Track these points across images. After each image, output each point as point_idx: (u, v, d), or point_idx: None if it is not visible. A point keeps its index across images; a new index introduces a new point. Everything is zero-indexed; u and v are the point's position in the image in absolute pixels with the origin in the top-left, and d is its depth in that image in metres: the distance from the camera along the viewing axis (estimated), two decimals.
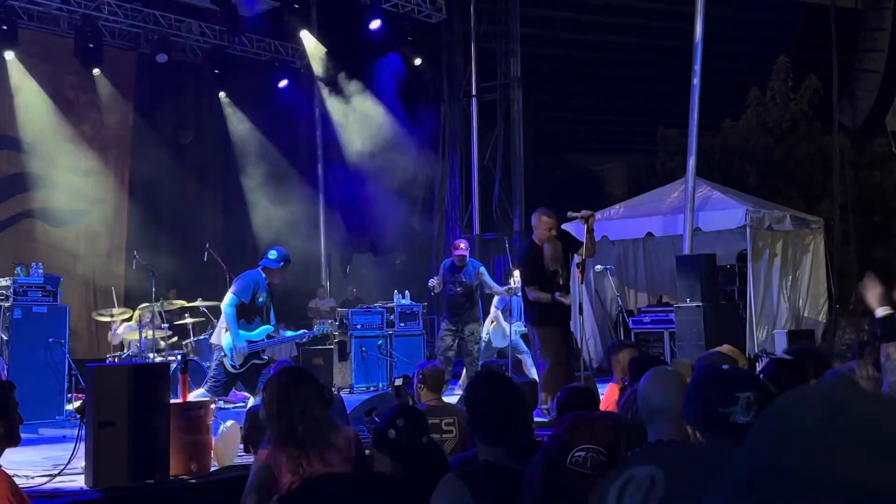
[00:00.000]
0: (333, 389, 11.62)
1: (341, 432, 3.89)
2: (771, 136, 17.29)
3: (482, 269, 10.19)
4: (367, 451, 3.92)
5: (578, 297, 10.76)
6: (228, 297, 7.89)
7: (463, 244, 10.23)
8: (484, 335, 10.99)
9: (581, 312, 10.96)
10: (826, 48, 12.83)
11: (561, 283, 8.15)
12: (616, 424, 3.01)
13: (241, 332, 7.83)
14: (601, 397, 6.05)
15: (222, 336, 7.90)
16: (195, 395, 7.71)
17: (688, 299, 10.77)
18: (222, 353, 7.81)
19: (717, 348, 5.31)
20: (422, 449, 3.54)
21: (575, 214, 8.03)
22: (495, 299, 11.11)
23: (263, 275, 8.11)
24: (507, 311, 10.79)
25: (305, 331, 8.72)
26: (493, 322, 11.02)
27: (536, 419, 7.75)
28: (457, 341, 9.96)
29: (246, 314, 7.95)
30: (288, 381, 3.89)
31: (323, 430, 3.78)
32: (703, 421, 2.46)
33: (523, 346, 10.48)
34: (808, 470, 0.75)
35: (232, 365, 7.75)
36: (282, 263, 8.20)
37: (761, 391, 2.42)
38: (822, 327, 12.92)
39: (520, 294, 9.86)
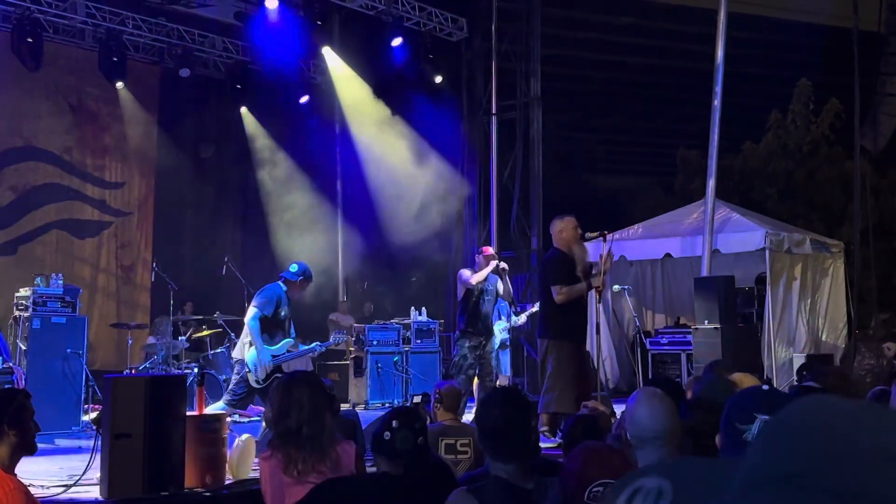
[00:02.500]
0: (349, 405, 11.64)
1: (341, 446, 3.86)
2: (791, 159, 17.24)
3: (496, 277, 9.89)
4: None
5: (595, 316, 10.73)
6: (251, 311, 7.87)
7: (491, 249, 9.83)
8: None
9: (598, 332, 10.90)
10: (848, 72, 12.75)
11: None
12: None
13: (265, 346, 7.82)
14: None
15: (245, 351, 7.88)
16: (213, 409, 7.72)
17: (706, 321, 10.71)
18: (246, 369, 7.80)
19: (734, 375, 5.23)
20: (418, 450, 3.54)
21: (592, 235, 8.00)
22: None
23: (284, 287, 8.11)
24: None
25: (318, 343, 8.67)
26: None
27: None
28: (478, 358, 9.35)
29: (269, 328, 7.95)
30: (301, 383, 3.88)
31: (325, 440, 3.76)
32: (723, 431, 2.46)
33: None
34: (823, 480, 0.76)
35: (256, 380, 7.75)
36: (301, 278, 8.17)
37: None
38: (840, 352, 12.81)
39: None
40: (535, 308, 10.05)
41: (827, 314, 12.99)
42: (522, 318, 10.52)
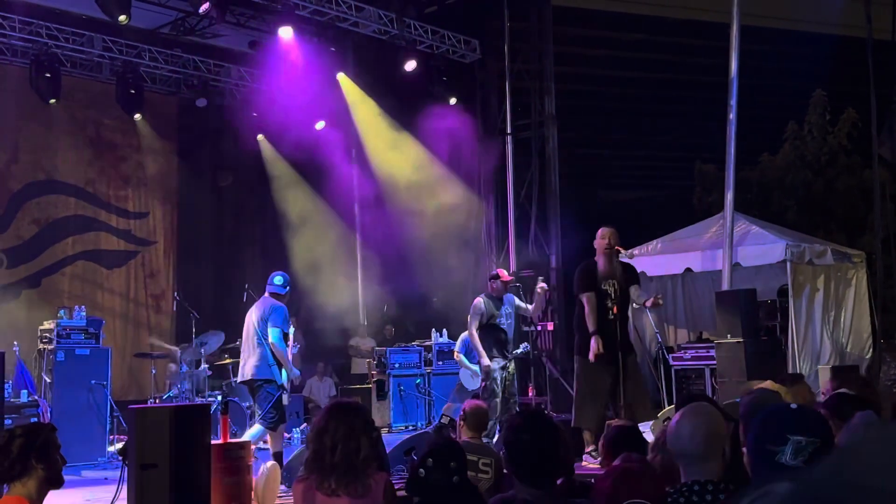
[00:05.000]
0: None
1: (376, 475, 3.84)
2: (809, 169, 17.15)
3: (513, 296, 9.86)
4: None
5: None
6: (274, 331, 7.98)
7: (505, 272, 9.83)
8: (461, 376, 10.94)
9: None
10: (863, 81, 12.72)
11: (610, 304, 8.04)
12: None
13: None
14: None
15: (275, 372, 8.00)
16: (253, 434, 7.81)
17: (728, 335, 10.65)
18: (281, 390, 7.95)
19: (761, 384, 5.22)
20: (453, 488, 3.51)
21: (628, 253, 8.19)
22: (458, 343, 10.85)
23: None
24: (470, 354, 10.43)
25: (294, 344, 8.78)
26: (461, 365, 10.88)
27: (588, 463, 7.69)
28: (504, 380, 9.32)
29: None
30: (341, 407, 3.94)
31: (359, 464, 3.75)
32: (752, 452, 2.44)
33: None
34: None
35: (288, 396, 8.05)
36: (288, 288, 8.36)
37: (818, 437, 2.36)
38: (866, 363, 12.69)
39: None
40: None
41: (851, 325, 12.88)
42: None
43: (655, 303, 8.48)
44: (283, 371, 8.02)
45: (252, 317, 8.32)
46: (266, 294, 8.41)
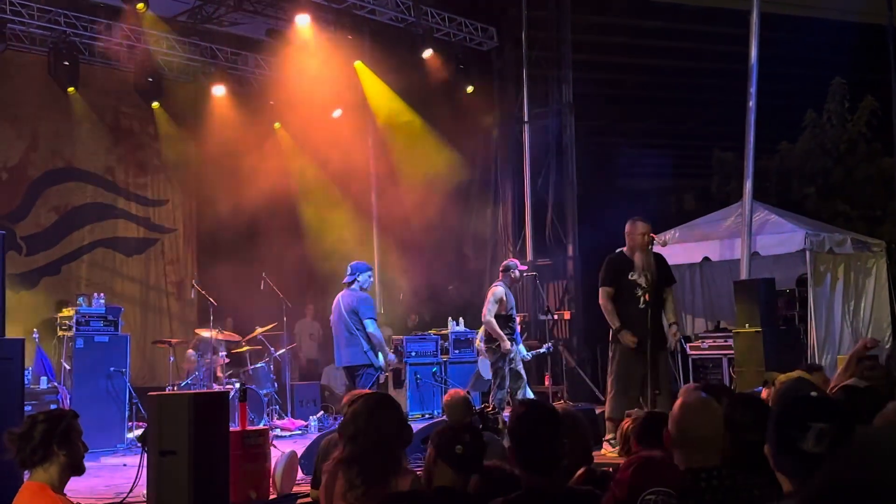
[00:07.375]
0: None
1: (404, 477, 3.62)
2: (829, 157, 17.03)
3: None
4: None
5: None
6: (369, 322, 8.65)
7: (517, 261, 10.01)
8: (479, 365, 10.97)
9: None
10: (883, 68, 12.63)
11: (640, 293, 8.01)
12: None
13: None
14: None
15: (371, 356, 8.63)
16: None
17: (746, 325, 10.61)
18: (379, 371, 8.74)
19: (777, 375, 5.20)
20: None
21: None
22: (480, 332, 10.85)
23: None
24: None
25: None
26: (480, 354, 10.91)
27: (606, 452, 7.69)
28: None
29: None
30: (376, 407, 3.71)
31: (389, 466, 3.58)
32: (775, 442, 2.44)
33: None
34: None
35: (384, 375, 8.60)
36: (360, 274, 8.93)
37: (840, 425, 2.37)
38: (885, 353, 12.62)
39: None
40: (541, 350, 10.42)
41: (871, 314, 12.81)
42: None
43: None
44: (380, 355, 8.68)
45: (340, 306, 8.85)
46: (348, 286, 8.93)
